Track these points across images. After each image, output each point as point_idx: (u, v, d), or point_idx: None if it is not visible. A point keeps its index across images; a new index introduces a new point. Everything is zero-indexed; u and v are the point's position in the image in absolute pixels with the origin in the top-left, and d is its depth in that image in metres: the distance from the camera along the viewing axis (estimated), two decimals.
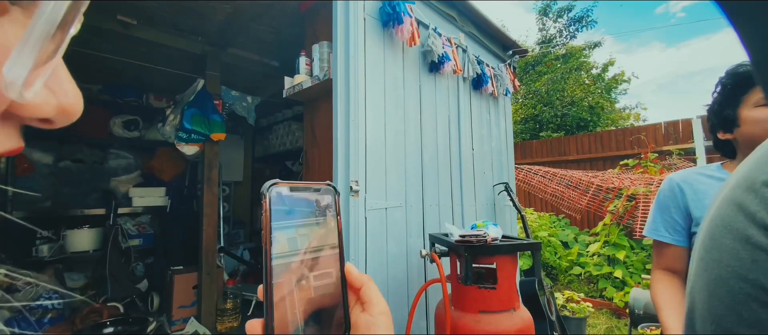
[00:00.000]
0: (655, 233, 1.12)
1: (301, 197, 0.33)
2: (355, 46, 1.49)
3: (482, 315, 1.26)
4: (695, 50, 38.52)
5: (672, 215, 1.08)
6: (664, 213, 1.11)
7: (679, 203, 1.06)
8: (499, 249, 1.28)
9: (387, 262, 1.58)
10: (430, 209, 1.90)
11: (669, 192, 1.10)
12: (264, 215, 0.29)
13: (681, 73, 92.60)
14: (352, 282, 0.35)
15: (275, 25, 2.59)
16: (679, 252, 1.09)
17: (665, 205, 1.10)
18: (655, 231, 1.12)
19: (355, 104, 1.46)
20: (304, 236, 0.32)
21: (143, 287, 3.37)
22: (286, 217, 0.31)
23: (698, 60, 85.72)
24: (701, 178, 1.07)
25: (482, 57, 2.45)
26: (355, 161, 1.44)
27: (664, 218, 1.10)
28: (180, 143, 2.64)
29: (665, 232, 1.09)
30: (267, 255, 0.29)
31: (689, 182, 1.07)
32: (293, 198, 0.32)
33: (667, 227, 1.10)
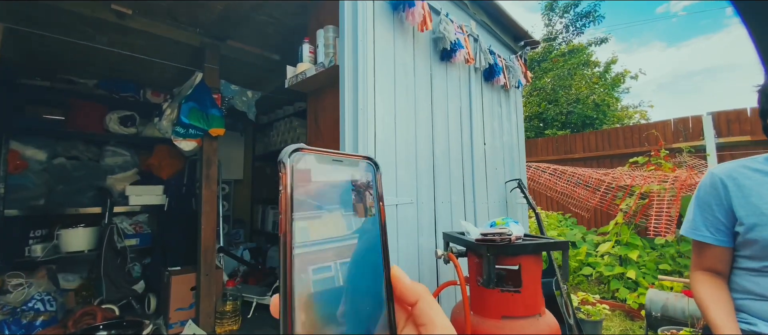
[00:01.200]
0: (695, 232, 1.01)
1: (332, 172, 0.22)
2: (363, 30, 1.38)
3: (505, 320, 1.15)
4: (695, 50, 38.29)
5: (714, 213, 0.97)
6: (705, 211, 1.00)
7: (723, 200, 0.96)
8: (525, 249, 1.16)
9: (397, 261, 1.47)
10: (442, 206, 1.79)
11: (711, 188, 0.99)
12: (283, 193, 0.21)
13: (681, 73, 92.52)
14: (401, 293, 0.24)
15: (276, 14, 2.48)
16: (722, 253, 0.98)
17: (707, 202, 1.00)
18: (696, 231, 1.01)
19: (364, 92, 1.35)
20: (335, 225, 0.22)
21: (140, 288, 3.25)
22: (312, 198, 0.21)
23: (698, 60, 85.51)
24: (747, 172, 0.96)
25: (494, 47, 2.34)
26: (365, 148, 1.33)
27: (705, 217, 1.00)
28: (177, 138, 2.53)
29: (707, 232, 0.99)
30: (287, 246, 0.18)
31: (734, 177, 0.96)
32: (323, 172, 0.21)
33: (708, 226, 0.99)
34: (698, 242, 1.01)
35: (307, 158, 0.22)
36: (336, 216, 0.22)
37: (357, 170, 0.25)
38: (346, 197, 0.23)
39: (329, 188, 0.22)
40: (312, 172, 0.22)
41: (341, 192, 0.23)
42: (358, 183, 0.24)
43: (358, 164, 0.25)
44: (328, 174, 0.23)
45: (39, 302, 2.57)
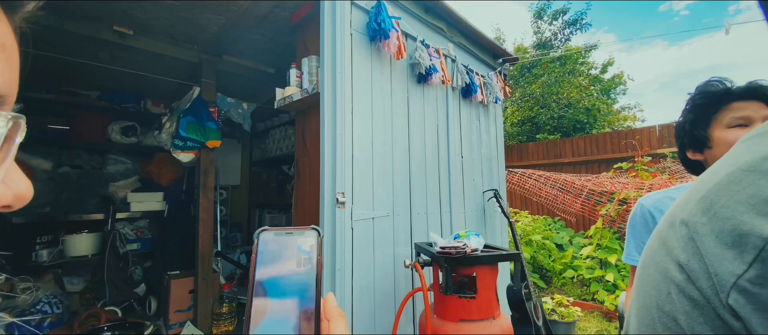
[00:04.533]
0: (629, 258, 1.11)
1: (286, 240, 0.36)
2: (341, 62, 1.54)
3: (462, 323, 1.31)
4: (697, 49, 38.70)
5: (644, 240, 1.07)
6: (637, 239, 1.09)
7: (651, 229, 1.05)
8: (479, 260, 1.32)
9: (374, 270, 1.63)
10: (418, 217, 1.94)
11: (641, 218, 1.08)
12: (252, 256, 0.34)
13: (683, 71, 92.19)
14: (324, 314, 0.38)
15: (270, 34, 2.64)
16: None
17: (638, 231, 1.09)
18: (629, 256, 1.11)
19: (342, 118, 1.50)
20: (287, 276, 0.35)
21: (141, 291, 3.42)
22: (273, 258, 0.35)
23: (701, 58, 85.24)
24: (671, 203, 1.08)
25: (472, 66, 2.49)
26: (342, 173, 1.49)
27: (638, 244, 1.09)
28: (176, 150, 2.69)
29: (638, 257, 1.11)
30: (250, 294, 0.33)
31: (660, 208, 1.05)
32: (280, 241, 0.36)
33: (640, 252, 1.11)
34: (633, 266, 1.12)
35: (268, 233, 0.35)
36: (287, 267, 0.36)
37: (304, 237, 0.38)
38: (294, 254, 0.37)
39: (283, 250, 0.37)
40: (270, 242, 0.36)
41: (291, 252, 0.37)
42: (303, 245, 0.38)
43: (304, 233, 0.39)
44: (282, 242, 0.37)
45: (46, 304, 2.73)
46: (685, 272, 0.39)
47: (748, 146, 0.45)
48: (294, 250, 0.36)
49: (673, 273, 0.40)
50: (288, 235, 0.36)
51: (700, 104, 0.97)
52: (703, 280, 0.36)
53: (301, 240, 0.36)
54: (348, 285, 1.48)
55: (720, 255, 0.35)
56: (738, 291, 0.33)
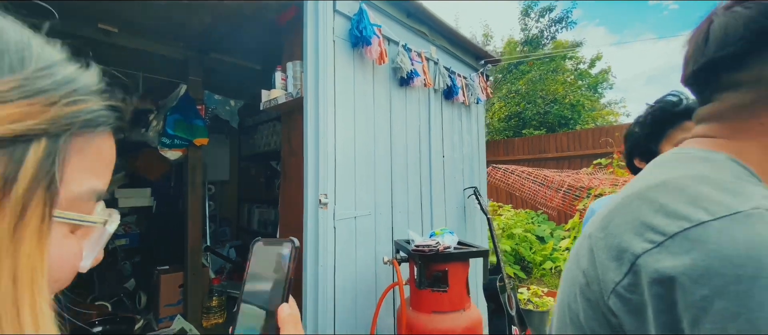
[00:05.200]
0: None
1: (270, 248, 0.45)
2: (324, 67, 1.61)
3: (435, 314, 1.42)
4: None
5: None
6: None
7: None
8: (451, 257, 1.43)
9: (356, 267, 1.72)
10: (400, 215, 2.04)
11: (589, 221, 1.20)
12: (247, 264, 0.43)
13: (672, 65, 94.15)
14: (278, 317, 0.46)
15: (257, 33, 2.67)
16: None
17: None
18: None
19: (324, 122, 1.58)
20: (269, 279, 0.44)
21: (130, 286, 3.46)
22: (262, 264, 0.44)
23: None
24: None
25: (454, 67, 2.57)
26: (325, 175, 1.57)
27: None
28: (163, 148, 2.72)
29: None
30: (240, 296, 0.41)
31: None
32: (268, 250, 0.44)
33: None
34: None
35: (260, 243, 0.44)
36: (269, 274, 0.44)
37: (283, 247, 0.45)
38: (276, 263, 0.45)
39: (268, 257, 0.45)
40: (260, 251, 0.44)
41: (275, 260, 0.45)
42: (282, 254, 0.45)
43: (282, 244, 0.47)
44: (269, 251, 0.44)
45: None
46: (585, 277, 0.49)
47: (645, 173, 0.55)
48: (278, 259, 0.45)
49: (579, 278, 0.50)
50: (274, 245, 0.45)
51: (657, 119, 0.98)
52: (595, 285, 0.47)
53: (283, 250, 0.43)
54: (330, 281, 1.58)
55: (607, 266, 0.45)
56: (616, 295, 0.43)
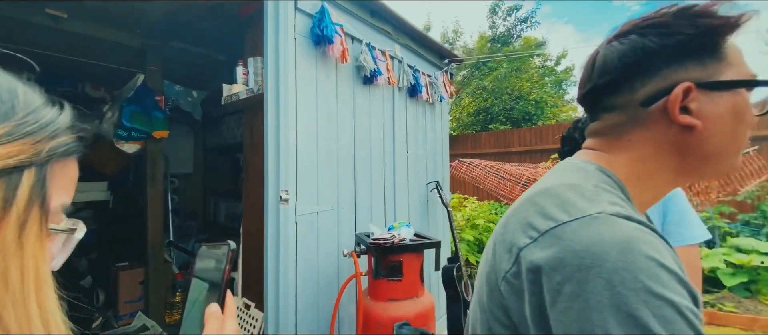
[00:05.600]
0: None
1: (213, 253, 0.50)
2: (285, 65, 1.63)
3: (390, 302, 1.52)
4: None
5: None
6: None
7: None
8: (405, 249, 1.52)
9: (318, 261, 1.78)
10: (363, 209, 2.12)
11: None
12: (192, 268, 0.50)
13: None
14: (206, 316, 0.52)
15: (220, 24, 2.60)
16: None
17: None
18: None
19: (285, 120, 1.61)
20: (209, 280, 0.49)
21: (87, 283, 3.33)
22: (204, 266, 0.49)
23: None
24: None
25: (419, 66, 2.66)
26: (285, 173, 1.60)
27: None
28: (119, 141, 2.62)
29: None
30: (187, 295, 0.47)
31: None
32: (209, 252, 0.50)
33: None
34: None
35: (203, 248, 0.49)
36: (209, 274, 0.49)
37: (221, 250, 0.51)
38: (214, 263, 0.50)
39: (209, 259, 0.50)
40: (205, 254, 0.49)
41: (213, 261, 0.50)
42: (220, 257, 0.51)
43: (221, 247, 0.51)
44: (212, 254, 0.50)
45: None
46: (489, 267, 0.58)
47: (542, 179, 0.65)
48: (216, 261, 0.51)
49: (485, 268, 0.59)
50: (215, 249, 0.51)
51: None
52: (493, 274, 0.56)
53: (220, 253, 0.51)
54: (291, 274, 1.63)
55: (501, 257, 0.54)
56: (505, 281, 0.52)
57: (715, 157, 0.53)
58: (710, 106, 0.50)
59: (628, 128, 0.56)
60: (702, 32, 0.51)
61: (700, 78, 0.50)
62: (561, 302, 0.43)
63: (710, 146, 0.51)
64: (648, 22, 0.54)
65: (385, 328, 1.45)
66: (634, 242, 0.42)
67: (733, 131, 0.51)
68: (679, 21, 0.52)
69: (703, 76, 0.50)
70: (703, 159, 0.53)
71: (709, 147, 0.52)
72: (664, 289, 0.39)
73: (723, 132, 0.51)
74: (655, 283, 0.39)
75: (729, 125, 0.51)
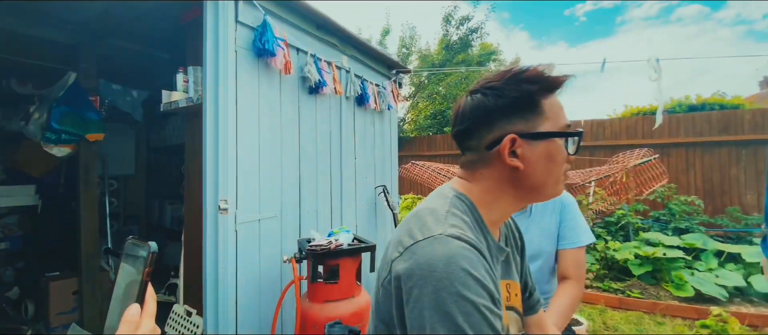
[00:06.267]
0: None
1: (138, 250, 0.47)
2: (224, 77, 1.66)
3: (327, 303, 1.62)
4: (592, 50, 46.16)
5: None
6: None
7: None
8: (341, 253, 1.63)
9: (260, 267, 1.84)
10: (308, 215, 2.19)
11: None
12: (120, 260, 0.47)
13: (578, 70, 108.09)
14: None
15: (161, 25, 2.53)
16: None
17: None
18: None
19: (225, 130, 1.64)
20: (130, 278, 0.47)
21: (14, 295, 3.07)
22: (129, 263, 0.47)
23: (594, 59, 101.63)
24: None
25: (367, 76, 2.77)
26: (225, 182, 1.64)
27: None
28: (48, 144, 2.46)
29: None
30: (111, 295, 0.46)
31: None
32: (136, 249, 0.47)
33: None
34: None
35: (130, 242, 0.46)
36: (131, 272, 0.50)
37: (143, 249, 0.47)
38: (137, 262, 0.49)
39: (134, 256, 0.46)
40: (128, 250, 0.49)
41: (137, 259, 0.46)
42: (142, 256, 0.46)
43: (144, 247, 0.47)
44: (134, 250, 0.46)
45: None
46: (378, 274, 0.71)
47: (424, 200, 0.79)
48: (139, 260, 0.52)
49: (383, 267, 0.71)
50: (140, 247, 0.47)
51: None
52: (378, 280, 0.69)
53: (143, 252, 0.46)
54: (231, 281, 1.67)
55: (383, 267, 0.67)
56: (382, 287, 0.65)
57: (538, 188, 0.69)
58: (530, 151, 0.66)
59: (479, 165, 0.71)
60: (524, 95, 0.67)
61: (523, 130, 0.66)
62: (410, 303, 0.57)
63: (533, 181, 0.68)
64: (489, 83, 0.70)
65: (320, 328, 1.55)
66: (455, 257, 0.56)
67: (548, 170, 0.68)
68: (508, 85, 0.67)
69: (525, 129, 0.66)
70: (530, 189, 0.70)
71: (532, 181, 0.68)
72: (469, 292, 0.54)
73: (540, 171, 0.67)
74: (464, 288, 0.54)
75: (544, 165, 0.67)
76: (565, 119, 0.70)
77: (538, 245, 1.36)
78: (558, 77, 0.69)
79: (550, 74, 0.69)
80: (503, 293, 0.79)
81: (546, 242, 1.36)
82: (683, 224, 4.23)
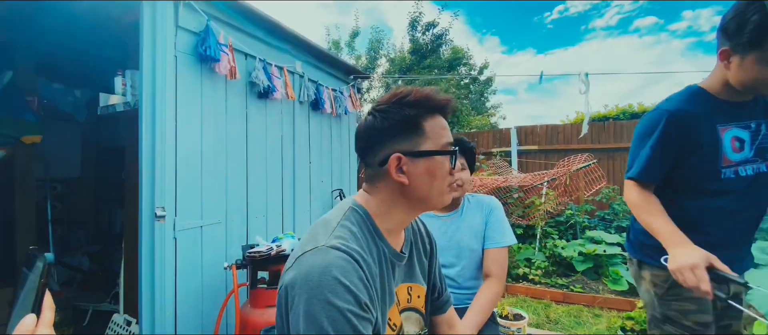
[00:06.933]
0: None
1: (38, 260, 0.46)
2: (162, 83, 1.64)
3: (268, 308, 1.64)
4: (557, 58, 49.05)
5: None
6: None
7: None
8: (281, 259, 1.66)
9: (202, 273, 1.83)
10: (257, 220, 2.19)
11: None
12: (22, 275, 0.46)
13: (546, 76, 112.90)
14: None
15: (105, 23, 2.43)
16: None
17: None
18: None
19: (162, 137, 1.62)
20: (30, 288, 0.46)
21: None
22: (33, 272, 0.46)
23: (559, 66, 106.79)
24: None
25: (324, 81, 2.80)
26: (162, 188, 1.62)
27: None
28: None
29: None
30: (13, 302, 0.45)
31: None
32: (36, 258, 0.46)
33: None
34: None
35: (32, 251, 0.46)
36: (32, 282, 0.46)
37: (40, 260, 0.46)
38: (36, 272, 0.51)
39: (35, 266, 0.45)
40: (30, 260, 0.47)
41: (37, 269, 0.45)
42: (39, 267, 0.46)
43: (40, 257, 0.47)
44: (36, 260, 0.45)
45: None
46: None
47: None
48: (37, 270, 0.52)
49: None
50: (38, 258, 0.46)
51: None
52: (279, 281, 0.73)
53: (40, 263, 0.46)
54: (170, 289, 1.65)
55: (283, 276, 0.71)
56: (279, 293, 0.69)
57: (424, 199, 0.77)
58: (414, 168, 0.74)
59: (376, 180, 0.77)
60: (407, 117, 0.74)
61: (407, 149, 0.73)
62: (292, 310, 0.62)
63: (418, 193, 0.75)
64: (380, 106, 0.76)
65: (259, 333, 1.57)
66: (330, 267, 0.62)
67: (431, 183, 0.75)
68: (394, 109, 0.74)
69: (409, 148, 0.73)
70: (418, 201, 0.77)
71: (418, 194, 0.75)
72: (337, 299, 0.60)
73: (424, 184, 0.74)
74: (332, 295, 0.60)
75: (427, 180, 0.75)
76: (446, 138, 0.77)
77: (467, 242, 1.46)
78: (438, 102, 0.77)
79: (432, 98, 0.76)
80: (404, 295, 0.86)
81: (474, 240, 1.46)
82: (625, 223, 4.58)
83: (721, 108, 0.98)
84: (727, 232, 0.99)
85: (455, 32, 8.60)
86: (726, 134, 0.98)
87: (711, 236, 0.97)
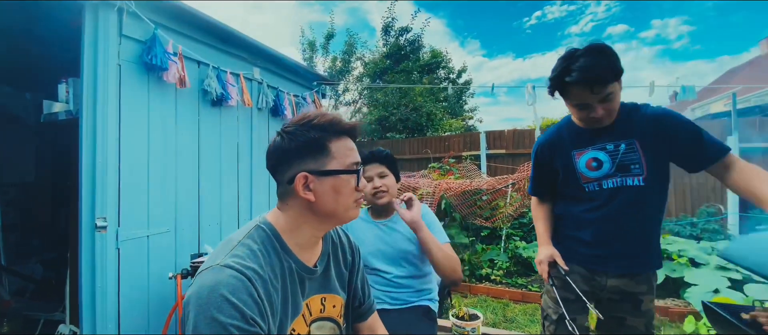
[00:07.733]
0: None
1: None
2: (104, 92, 1.63)
3: None
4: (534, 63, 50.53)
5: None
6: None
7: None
8: None
9: (148, 284, 1.82)
10: (210, 227, 2.20)
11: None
12: None
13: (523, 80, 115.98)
14: None
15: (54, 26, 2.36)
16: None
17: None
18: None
19: (103, 147, 1.61)
20: None
21: None
22: None
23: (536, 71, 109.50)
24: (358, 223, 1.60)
25: (285, 87, 2.82)
26: (103, 198, 1.61)
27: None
28: None
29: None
30: None
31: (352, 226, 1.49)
32: None
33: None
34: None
35: None
36: None
37: None
38: None
39: None
40: None
41: None
42: None
43: None
44: None
45: None
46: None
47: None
48: None
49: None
50: None
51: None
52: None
53: None
54: (113, 300, 1.64)
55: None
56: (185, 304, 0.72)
57: (331, 215, 0.82)
58: (320, 186, 0.79)
59: (286, 197, 0.82)
60: (313, 139, 0.79)
61: (313, 168, 0.78)
62: (189, 321, 0.66)
63: (325, 209, 0.80)
64: (287, 128, 0.81)
65: None
66: (218, 285, 0.67)
67: (336, 200, 0.80)
68: (300, 130, 0.79)
69: (315, 167, 0.78)
70: (325, 217, 0.82)
71: (324, 210, 0.80)
72: (221, 315, 0.64)
73: (330, 201, 0.80)
74: (217, 312, 0.64)
75: (333, 197, 0.80)
76: (352, 157, 0.83)
77: (403, 245, 1.51)
78: (343, 126, 0.82)
79: (338, 122, 0.82)
80: (316, 306, 0.91)
81: (408, 243, 1.52)
82: None
83: (581, 135, 1.19)
84: (596, 232, 1.19)
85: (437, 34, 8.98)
86: (581, 157, 1.19)
87: (586, 235, 1.19)
